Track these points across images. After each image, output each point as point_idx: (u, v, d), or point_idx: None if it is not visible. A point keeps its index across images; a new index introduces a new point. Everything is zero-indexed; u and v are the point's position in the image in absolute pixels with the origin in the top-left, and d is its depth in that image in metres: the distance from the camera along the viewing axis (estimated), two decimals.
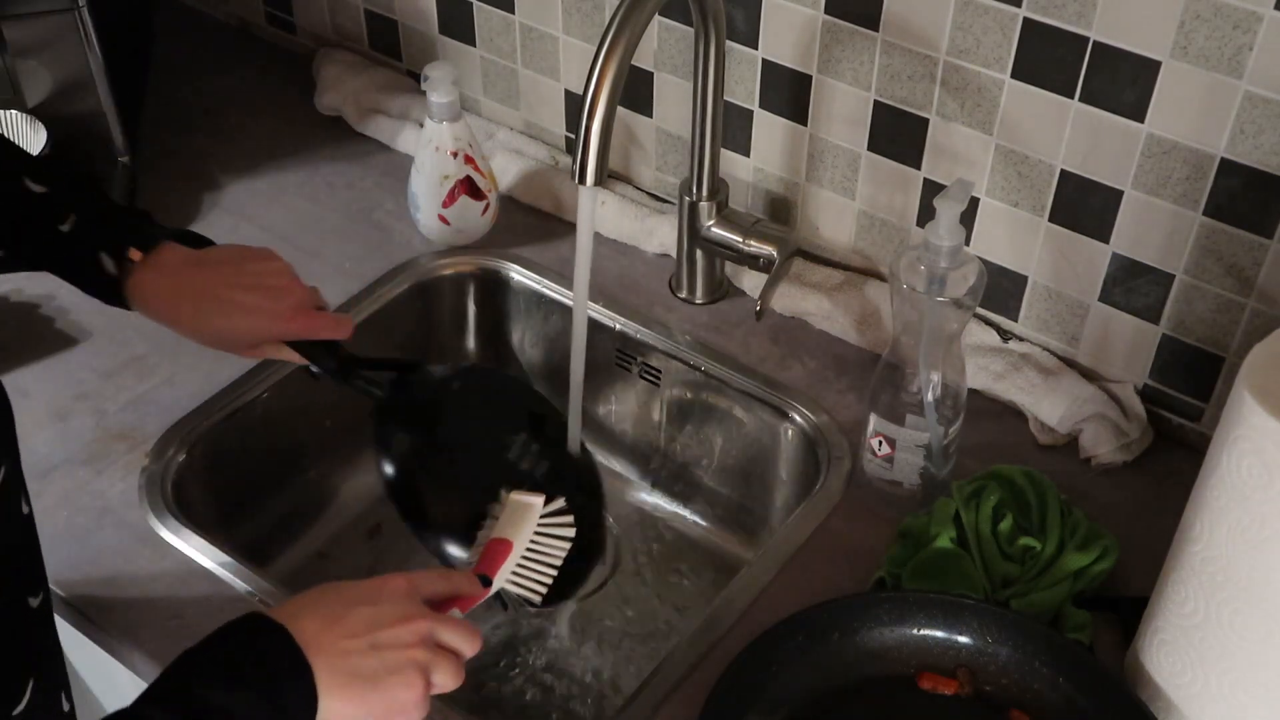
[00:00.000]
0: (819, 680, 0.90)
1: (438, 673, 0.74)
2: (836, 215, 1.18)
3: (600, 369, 1.23)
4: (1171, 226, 0.99)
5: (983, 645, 0.90)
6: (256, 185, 1.34)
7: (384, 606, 0.74)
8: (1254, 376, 0.72)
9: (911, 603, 0.91)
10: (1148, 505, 1.02)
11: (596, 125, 0.90)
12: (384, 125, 1.39)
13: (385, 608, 0.74)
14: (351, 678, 0.71)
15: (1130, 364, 1.07)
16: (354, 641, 0.72)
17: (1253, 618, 0.77)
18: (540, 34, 1.28)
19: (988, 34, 1.00)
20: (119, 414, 1.10)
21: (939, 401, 0.97)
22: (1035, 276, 1.09)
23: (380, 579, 0.77)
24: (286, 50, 1.53)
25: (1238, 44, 0.89)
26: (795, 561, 0.99)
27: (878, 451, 1.02)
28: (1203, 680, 0.82)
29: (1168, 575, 0.83)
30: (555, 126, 1.34)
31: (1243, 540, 0.74)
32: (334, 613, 0.73)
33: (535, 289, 1.24)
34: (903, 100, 1.07)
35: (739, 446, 1.17)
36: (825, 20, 1.08)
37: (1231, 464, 0.73)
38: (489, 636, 1.13)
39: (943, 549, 0.94)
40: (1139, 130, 0.97)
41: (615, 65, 0.89)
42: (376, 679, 0.72)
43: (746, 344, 1.17)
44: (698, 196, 1.15)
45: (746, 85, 1.16)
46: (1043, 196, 1.04)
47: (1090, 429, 1.05)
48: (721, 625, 0.95)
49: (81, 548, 0.99)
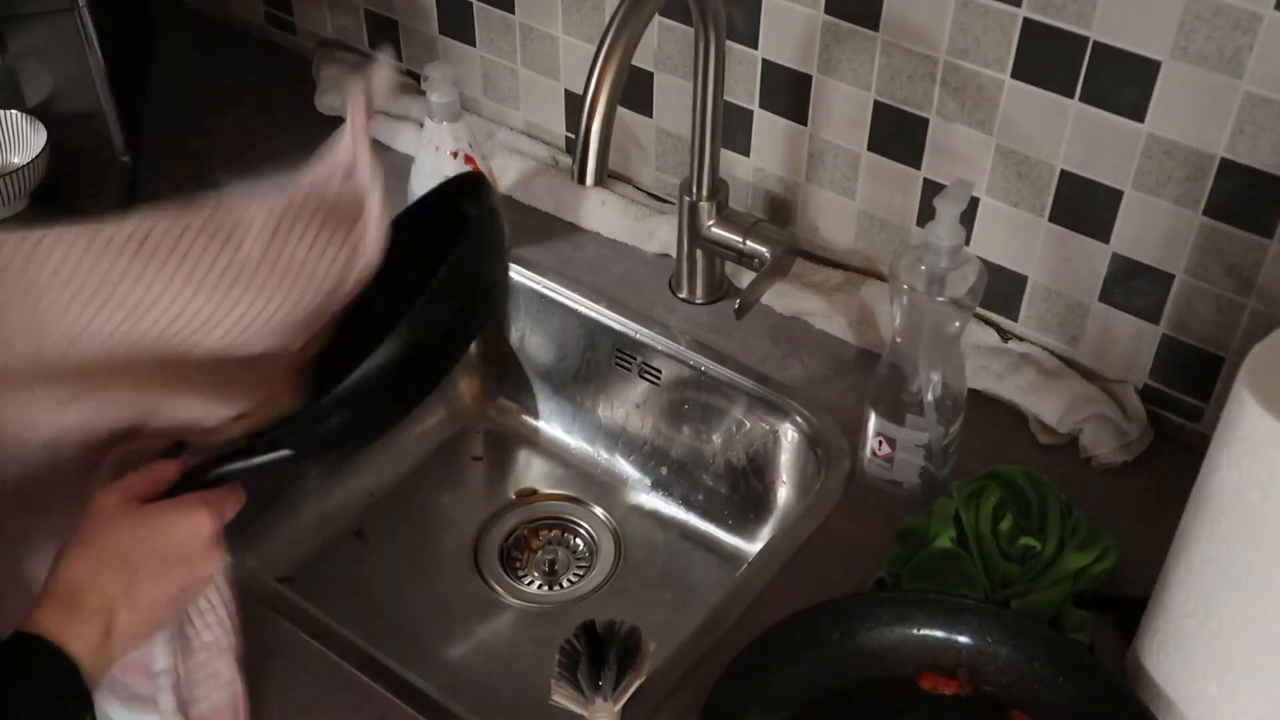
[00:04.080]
0: (819, 680, 0.90)
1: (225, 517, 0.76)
2: (836, 215, 1.18)
3: (600, 369, 1.23)
4: (1171, 226, 0.99)
5: (983, 645, 0.90)
6: (257, 185, 1.33)
7: (194, 561, 0.75)
8: (1254, 376, 0.72)
9: (911, 603, 0.91)
10: (1148, 505, 1.02)
11: (596, 125, 0.90)
12: (384, 125, 1.39)
13: (197, 564, 0.75)
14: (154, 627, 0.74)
15: (1130, 364, 1.07)
16: (165, 609, 0.74)
17: (1253, 618, 0.77)
18: (540, 34, 1.28)
19: (988, 34, 1.00)
20: None
21: (939, 401, 0.97)
22: (1035, 276, 1.09)
23: (186, 525, 0.74)
24: (286, 50, 1.53)
25: (1238, 44, 0.89)
26: (795, 561, 0.99)
27: (878, 451, 1.02)
28: (1203, 680, 0.82)
29: (1168, 575, 0.83)
30: (555, 126, 1.34)
31: (1243, 540, 0.74)
32: (137, 590, 0.72)
33: (535, 289, 1.24)
34: (903, 100, 1.07)
35: (739, 446, 1.17)
36: (825, 20, 1.08)
37: (1231, 464, 0.73)
38: (487, 638, 1.14)
39: (943, 549, 0.94)
40: (1139, 130, 0.97)
41: (615, 65, 0.89)
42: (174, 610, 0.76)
43: (746, 344, 1.17)
44: (698, 196, 1.15)
45: (746, 85, 1.16)
46: (1043, 196, 1.04)
47: (1090, 429, 1.05)
48: (721, 625, 0.95)
49: None
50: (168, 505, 0.74)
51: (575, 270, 1.25)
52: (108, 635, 0.70)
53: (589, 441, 1.27)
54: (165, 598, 0.74)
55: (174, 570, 0.74)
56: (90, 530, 0.72)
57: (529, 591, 1.17)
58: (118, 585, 0.71)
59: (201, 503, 0.75)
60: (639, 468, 1.25)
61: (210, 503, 0.75)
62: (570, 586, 1.17)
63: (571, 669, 0.86)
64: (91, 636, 0.69)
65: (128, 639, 0.72)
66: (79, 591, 0.70)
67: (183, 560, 0.74)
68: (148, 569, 0.72)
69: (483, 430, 1.31)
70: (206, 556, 0.75)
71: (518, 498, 1.24)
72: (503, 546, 1.20)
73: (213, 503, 0.75)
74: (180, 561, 0.74)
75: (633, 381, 1.21)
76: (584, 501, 1.24)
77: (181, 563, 0.74)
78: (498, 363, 1.30)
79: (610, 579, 1.17)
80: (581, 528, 1.22)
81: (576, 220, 1.30)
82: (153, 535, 0.73)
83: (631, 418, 1.23)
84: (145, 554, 0.72)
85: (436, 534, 1.21)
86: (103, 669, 0.70)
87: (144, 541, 0.73)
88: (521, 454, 1.29)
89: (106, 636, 0.70)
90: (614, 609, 1.03)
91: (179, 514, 0.74)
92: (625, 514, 1.23)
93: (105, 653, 0.70)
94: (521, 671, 1.10)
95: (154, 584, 0.73)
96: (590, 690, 0.85)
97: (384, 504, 1.23)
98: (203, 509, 0.74)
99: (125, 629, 0.71)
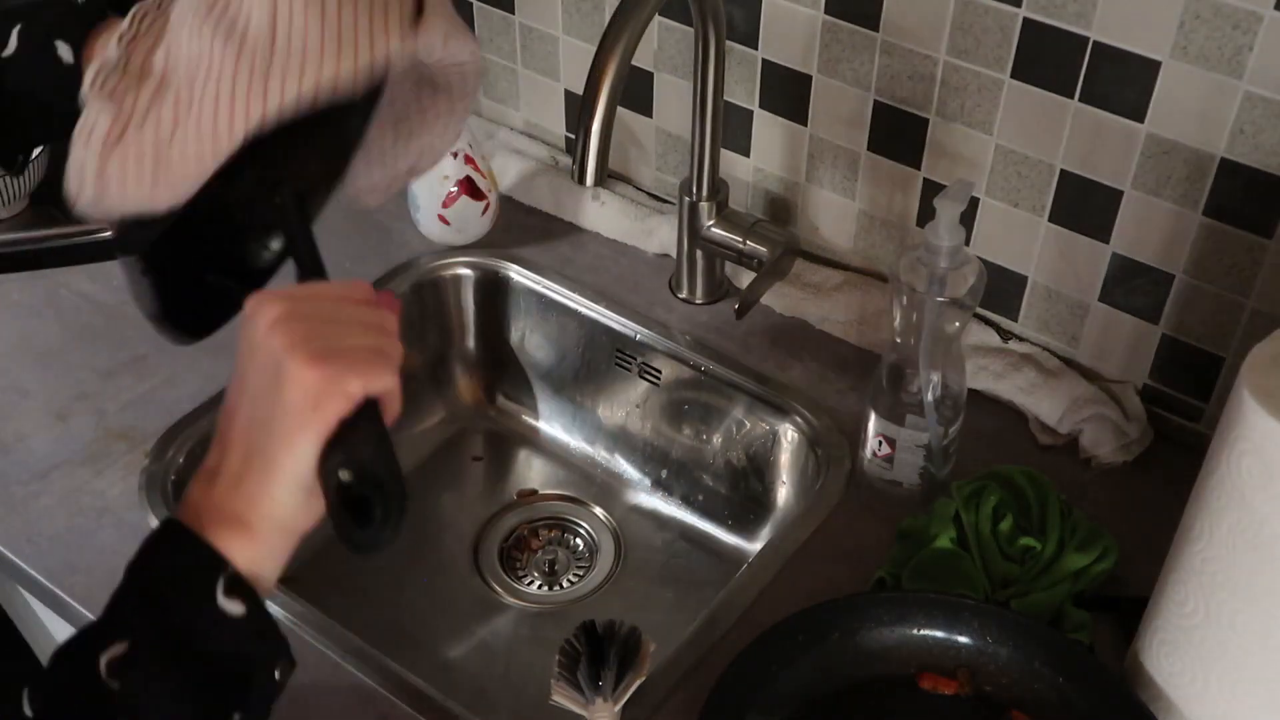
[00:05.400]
0: (819, 680, 0.90)
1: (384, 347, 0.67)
2: (836, 215, 1.18)
3: (600, 369, 1.23)
4: (1171, 226, 0.99)
5: (983, 645, 0.90)
6: None
7: (349, 309, 0.68)
8: (1254, 376, 0.72)
9: (911, 603, 0.91)
10: (1148, 505, 1.02)
11: (596, 125, 0.90)
12: None
13: (349, 309, 0.68)
14: (315, 350, 0.65)
15: (1130, 364, 1.07)
16: (311, 324, 0.66)
17: (1253, 618, 0.77)
18: (540, 34, 1.28)
19: (988, 34, 1.00)
20: (119, 414, 1.10)
21: (939, 401, 0.97)
22: (1035, 276, 1.09)
23: (252, 317, 0.66)
24: None
25: (1238, 44, 0.89)
26: (795, 561, 0.99)
27: (878, 451, 1.02)
28: (1203, 680, 0.82)
29: (1168, 575, 0.83)
30: (555, 126, 1.34)
31: (1243, 540, 0.74)
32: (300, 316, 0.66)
33: (535, 289, 1.24)
34: (903, 100, 1.07)
35: (739, 446, 1.17)
36: (825, 20, 1.08)
37: (1231, 464, 0.73)
38: (487, 638, 1.14)
39: (943, 549, 0.94)
40: (1139, 130, 0.97)
41: (615, 65, 0.89)
42: (340, 344, 0.65)
43: (746, 344, 1.17)
44: (698, 196, 1.15)
45: (746, 85, 1.16)
46: (1043, 196, 1.04)
47: (1090, 429, 1.05)
48: (721, 625, 0.95)
49: (81, 548, 0.99)
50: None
51: (575, 270, 1.25)
52: (233, 479, 0.66)
53: (589, 442, 1.27)
54: (265, 411, 0.66)
55: (252, 376, 0.66)
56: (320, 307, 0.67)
57: (529, 591, 1.17)
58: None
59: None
60: (639, 468, 1.25)
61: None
62: (570, 586, 1.17)
63: (571, 669, 0.86)
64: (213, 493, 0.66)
65: (254, 472, 0.66)
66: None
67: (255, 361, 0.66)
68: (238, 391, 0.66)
69: (483, 430, 1.31)
70: (275, 344, 0.65)
71: (518, 498, 1.24)
72: (503, 547, 1.20)
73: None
74: (253, 366, 0.66)
75: (633, 382, 1.21)
76: (584, 502, 1.24)
77: (255, 366, 0.66)
78: (498, 363, 1.30)
79: (610, 579, 1.17)
80: (581, 528, 1.22)
81: (576, 220, 1.30)
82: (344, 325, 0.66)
83: (631, 418, 1.23)
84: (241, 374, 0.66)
85: (436, 534, 1.21)
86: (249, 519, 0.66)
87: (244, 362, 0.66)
88: (521, 454, 1.29)
89: (233, 480, 0.66)
90: (614, 609, 1.03)
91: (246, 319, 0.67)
92: (625, 514, 1.23)
93: (235, 499, 0.66)
94: (521, 671, 1.10)
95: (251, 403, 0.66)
96: (590, 690, 0.85)
97: None
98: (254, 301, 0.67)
99: (242, 463, 0.66)
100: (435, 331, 1.28)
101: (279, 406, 0.65)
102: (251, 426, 0.66)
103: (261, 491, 0.66)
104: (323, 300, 0.69)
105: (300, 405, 0.64)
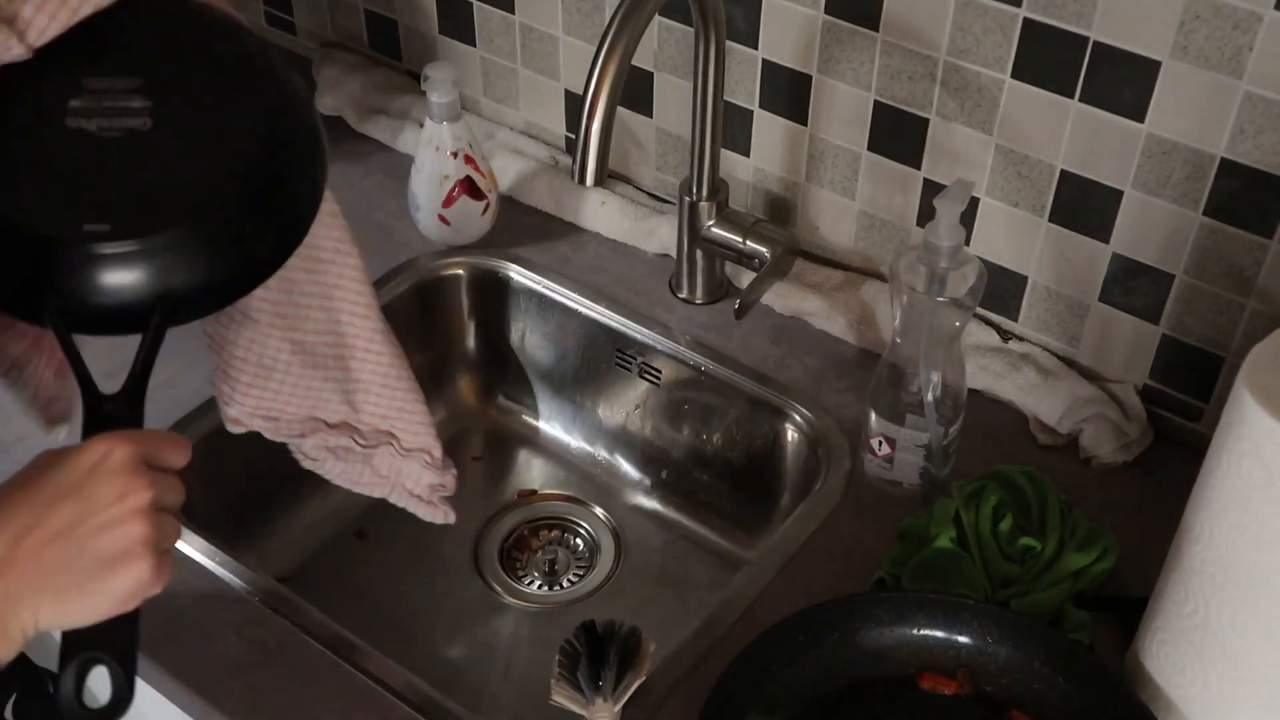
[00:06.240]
0: (819, 680, 0.90)
1: (165, 538, 0.68)
2: (836, 215, 1.18)
3: (600, 369, 1.23)
4: (1171, 226, 0.99)
5: (983, 645, 0.90)
6: None
7: (93, 489, 0.67)
8: (1254, 376, 0.72)
9: (911, 603, 0.91)
10: (1148, 505, 1.02)
11: (596, 125, 0.90)
12: (384, 125, 1.39)
13: (95, 490, 0.67)
14: (61, 588, 0.65)
15: (1130, 364, 1.07)
16: (55, 547, 0.65)
17: (1253, 618, 0.77)
18: (540, 34, 1.28)
19: (988, 34, 1.00)
20: None
21: (939, 401, 0.97)
22: (1035, 276, 1.09)
23: (94, 452, 0.68)
24: (286, 50, 1.53)
25: (1238, 44, 0.89)
26: (795, 561, 0.99)
27: (878, 451, 1.02)
28: (1203, 680, 0.82)
29: (1168, 575, 0.83)
30: (555, 126, 1.34)
31: (1243, 540, 0.74)
32: (30, 520, 0.66)
33: (535, 289, 1.24)
34: (903, 100, 1.07)
35: (739, 446, 1.17)
36: (825, 20, 1.08)
37: (1231, 464, 0.73)
38: (487, 638, 1.14)
39: (943, 549, 0.94)
40: (1139, 130, 0.97)
41: (615, 65, 0.89)
42: (88, 579, 0.66)
43: (746, 344, 1.17)
44: (698, 196, 1.15)
45: (746, 85, 1.16)
46: (1043, 196, 1.04)
47: (1090, 429, 1.05)
48: (721, 625, 0.95)
49: None
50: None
51: (575, 270, 1.25)
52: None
53: (589, 441, 1.27)
54: (53, 533, 0.66)
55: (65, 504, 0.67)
56: (64, 481, 0.68)
57: (529, 591, 1.17)
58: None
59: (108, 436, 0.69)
60: (639, 468, 1.25)
61: (165, 529, 0.69)
62: (570, 586, 1.17)
63: (571, 669, 0.86)
64: None
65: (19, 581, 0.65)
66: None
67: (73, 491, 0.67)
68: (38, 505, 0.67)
69: (483, 430, 1.31)
70: (109, 485, 0.67)
71: (518, 498, 1.24)
72: (503, 546, 1.20)
73: (166, 530, 0.69)
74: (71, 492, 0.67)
75: (633, 382, 1.21)
76: (584, 502, 1.24)
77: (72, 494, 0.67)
78: (498, 363, 1.30)
79: (610, 579, 1.17)
80: (581, 528, 1.22)
81: (576, 220, 1.30)
82: (88, 541, 0.67)
83: (631, 418, 1.23)
84: (68, 550, 0.66)
85: (436, 534, 1.21)
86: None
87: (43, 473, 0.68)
88: (521, 454, 1.29)
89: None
90: (614, 609, 1.03)
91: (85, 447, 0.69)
92: (625, 514, 1.23)
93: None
94: (521, 671, 1.10)
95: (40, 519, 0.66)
96: (590, 690, 0.85)
97: (384, 504, 1.22)
98: (139, 557, 0.67)
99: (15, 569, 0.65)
100: (435, 331, 1.28)
101: (98, 579, 0.66)
102: (43, 551, 0.66)
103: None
104: (170, 480, 0.70)
105: (121, 597, 0.67)
